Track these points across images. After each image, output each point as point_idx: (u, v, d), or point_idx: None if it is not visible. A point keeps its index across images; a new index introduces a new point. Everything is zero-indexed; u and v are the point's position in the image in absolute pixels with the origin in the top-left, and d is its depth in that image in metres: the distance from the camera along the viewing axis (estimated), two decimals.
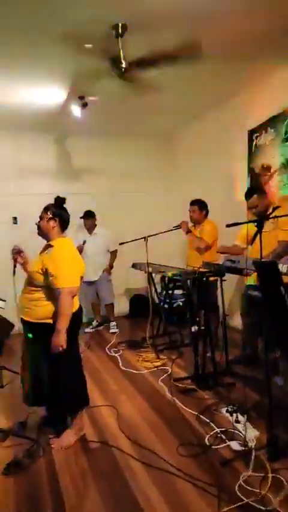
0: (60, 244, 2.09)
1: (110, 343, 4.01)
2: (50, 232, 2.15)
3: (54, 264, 1.98)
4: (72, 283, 2.01)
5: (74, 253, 2.17)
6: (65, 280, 1.98)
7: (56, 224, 2.15)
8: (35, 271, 2.03)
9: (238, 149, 3.88)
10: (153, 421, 2.39)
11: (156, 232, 3.65)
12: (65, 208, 2.23)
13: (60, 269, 1.98)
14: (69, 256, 2.08)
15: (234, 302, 4.13)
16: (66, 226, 2.23)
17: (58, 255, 2.03)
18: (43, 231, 2.17)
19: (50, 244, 2.10)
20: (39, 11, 2.16)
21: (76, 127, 4.32)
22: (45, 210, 2.17)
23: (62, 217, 2.18)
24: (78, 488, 1.83)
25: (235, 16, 2.33)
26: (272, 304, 1.93)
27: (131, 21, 2.31)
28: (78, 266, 2.13)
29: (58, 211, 2.17)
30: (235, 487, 1.72)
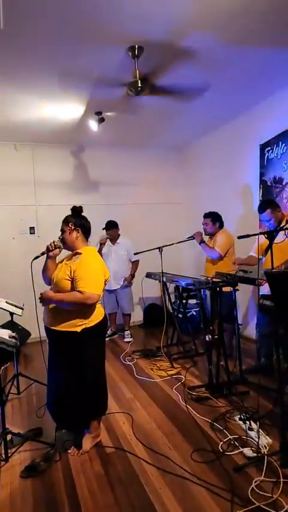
0: (88, 251, 2.15)
1: (124, 351, 4.09)
2: (75, 243, 2.18)
3: (83, 269, 2.03)
4: (95, 290, 2.02)
5: (101, 261, 2.21)
6: (88, 285, 2.00)
7: (79, 234, 2.19)
8: (62, 278, 2.07)
9: (250, 162, 3.96)
10: (167, 428, 2.44)
11: (170, 242, 3.73)
12: (84, 216, 2.26)
13: (88, 274, 2.02)
14: (97, 265, 2.12)
15: (249, 312, 4.16)
16: (89, 234, 2.27)
17: (87, 261, 2.08)
18: (68, 243, 2.19)
19: (77, 252, 2.15)
20: (54, 41, 2.33)
21: (93, 139, 4.51)
22: (66, 222, 2.20)
23: (84, 226, 2.22)
24: (94, 492, 1.89)
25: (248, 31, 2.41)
26: (284, 313, 1.98)
27: (147, 43, 2.45)
28: (104, 275, 2.16)
29: (79, 221, 2.20)
30: (248, 492, 1.76)
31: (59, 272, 2.15)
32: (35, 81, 2.92)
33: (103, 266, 2.19)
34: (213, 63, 2.80)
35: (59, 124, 3.97)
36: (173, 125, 4.32)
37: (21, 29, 2.22)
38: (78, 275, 2.02)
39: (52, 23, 2.16)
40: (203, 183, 5.07)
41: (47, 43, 2.38)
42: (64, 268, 2.12)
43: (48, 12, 2.06)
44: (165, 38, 2.40)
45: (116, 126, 4.09)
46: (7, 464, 2.14)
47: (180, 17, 2.19)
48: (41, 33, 2.26)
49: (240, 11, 2.17)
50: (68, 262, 2.16)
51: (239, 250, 3.52)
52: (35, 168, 4.74)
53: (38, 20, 2.13)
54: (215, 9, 2.14)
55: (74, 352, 2.09)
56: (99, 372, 2.26)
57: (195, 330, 4.05)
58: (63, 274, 2.09)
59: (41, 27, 2.20)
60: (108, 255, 4.31)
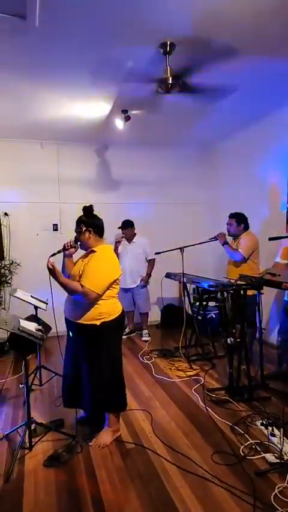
0: (102, 250, 2.20)
1: (142, 350, 4.10)
2: (88, 243, 2.24)
3: (91, 266, 2.10)
4: (94, 288, 2.05)
5: (113, 260, 2.23)
6: (89, 282, 2.05)
7: (91, 234, 2.23)
8: (76, 274, 2.16)
9: (278, 163, 3.90)
10: (187, 428, 2.44)
11: (190, 243, 3.72)
12: (95, 215, 2.30)
13: (93, 271, 2.08)
14: (107, 264, 2.16)
15: (272, 317, 4.10)
16: (103, 232, 2.31)
17: (98, 259, 2.14)
18: (82, 243, 2.27)
19: (93, 250, 2.21)
20: (88, 37, 2.35)
21: (117, 138, 4.54)
22: (78, 223, 2.26)
23: (96, 226, 2.25)
24: (115, 485, 1.92)
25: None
26: None
27: (179, 40, 2.44)
28: (114, 274, 2.17)
29: (90, 221, 2.25)
30: (270, 497, 1.75)
31: (75, 268, 2.25)
32: (65, 79, 2.96)
33: (114, 265, 2.21)
34: (244, 63, 2.77)
35: (85, 122, 4.01)
36: (198, 124, 4.29)
37: (55, 27, 2.24)
38: (85, 270, 2.10)
39: (86, 18, 2.18)
40: (226, 183, 5.03)
41: (80, 38, 2.39)
42: (79, 265, 2.21)
43: (84, 7, 2.07)
44: (198, 34, 2.38)
45: (141, 125, 4.10)
46: (31, 452, 2.20)
47: (214, 13, 2.17)
48: (75, 27, 2.27)
49: (277, 11, 2.14)
50: (84, 260, 2.24)
51: (263, 255, 3.48)
52: (59, 166, 4.82)
53: (72, 15, 2.14)
54: (253, 7, 2.12)
55: (95, 344, 2.16)
56: (118, 364, 2.31)
57: (214, 333, 4.02)
58: (76, 270, 2.19)
59: (76, 21, 2.21)
60: (123, 254, 4.34)
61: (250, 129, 4.40)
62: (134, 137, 4.66)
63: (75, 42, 2.46)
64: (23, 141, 4.63)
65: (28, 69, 2.78)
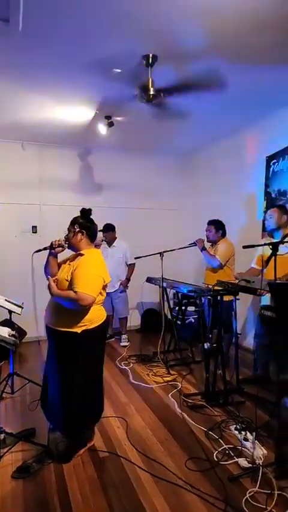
0: (90, 254, 2.15)
1: (120, 356, 4.07)
2: (78, 245, 2.19)
3: (81, 270, 2.03)
4: (88, 291, 1.98)
5: (102, 264, 2.19)
6: (83, 286, 1.97)
7: (84, 236, 2.19)
8: (64, 279, 2.08)
9: (256, 173, 3.99)
10: (162, 435, 2.43)
11: (170, 248, 3.74)
12: (91, 219, 2.28)
13: (84, 275, 2.01)
14: (97, 268, 2.11)
15: (247, 322, 4.16)
16: (95, 237, 2.28)
17: (87, 263, 2.08)
18: (72, 244, 2.21)
19: (81, 253, 2.16)
20: (74, 40, 2.35)
21: (100, 142, 4.53)
22: (72, 223, 2.21)
23: (90, 229, 2.22)
24: (87, 496, 1.87)
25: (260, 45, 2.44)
26: (285, 324, 1.99)
27: (161, 52, 2.49)
28: (105, 279, 2.13)
29: (85, 223, 2.21)
30: (242, 502, 1.75)
31: (62, 272, 2.16)
32: (49, 82, 2.95)
33: (104, 270, 2.17)
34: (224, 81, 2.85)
35: (68, 126, 4.00)
36: (180, 133, 4.36)
37: (38, 31, 2.25)
38: (75, 275, 2.03)
39: (69, 26, 2.20)
40: (206, 192, 5.10)
41: (63, 44, 2.40)
42: (67, 269, 2.13)
43: (66, 15, 2.09)
44: (180, 49, 2.44)
45: (124, 131, 4.13)
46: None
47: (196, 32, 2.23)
48: (58, 33, 2.28)
49: (252, 28, 2.21)
50: (71, 263, 2.16)
51: (240, 261, 3.54)
52: (40, 168, 4.76)
53: (55, 22, 2.15)
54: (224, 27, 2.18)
55: (72, 353, 2.07)
56: (98, 375, 2.24)
57: (192, 338, 4.04)
58: (64, 274, 2.11)
59: (58, 28, 2.22)
60: (103, 258, 4.29)
61: (228, 139, 4.50)
62: (117, 143, 4.67)
63: (59, 47, 2.46)
64: (3, 142, 4.55)
65: (10, 69, 2.74)
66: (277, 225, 2.94)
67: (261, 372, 3.14)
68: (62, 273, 2.14)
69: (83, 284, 1.98)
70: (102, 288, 2.14)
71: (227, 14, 2.10)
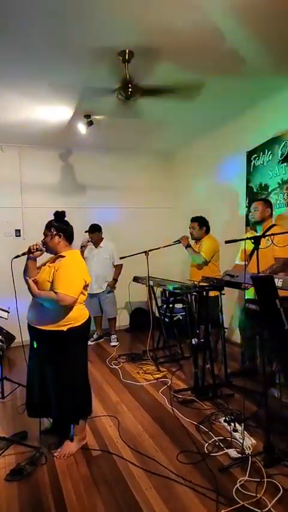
0: (70, 255, 2.18)
1: (110, 355, 4.08)
2: (57, 248, 2.22)
3: (62, 272, 2.06)
4: (69, 292, 2.02)
5: (83, 265, 2.23)
6: (63, 287, 2.01)
7: (61, 239, 2.22)
8: (45, 280, 2.11)
9: (237, 168, 4.06)
10: (153, 431, 2.46)
11: (157, 246, 3.77)
12: (66, 221, 2.29)
13: (65, 276, 2.05)
14: (77, 268, 2.15)
15: (235, 316, 4.23)
16: (72, 239, 2.30)
17: (68, 264, 2.11)
18: (50, 247, 2.23)
19: (61, 255, 2.17)
20: (50, 34, 2.31)
21: (81, 142, 4.51)
22: (48, 227, 2.23)
23: (66, 231, 2.24)
24: (81, 495, 1.89)
25: (235, 39, 2.47)
26: (269, 317, 2.05)
27: (138, 48, 2.49)
28: (84, 279, 2.16)
29: (61, 226, 2.23)
30: (232, 492, 1.80)
31: (42, 274, 2.19)
32: (25, 81, 2.90)
33: (84, 270, 2.20)
34: (201, 70, 2.88)
35: (48, 126, 3.96)
36: (161, 130, 4.38)
37: (12, 27, 2.21)
38: (56, 276, 2.06)
39: (43, 24, 2.18)
40: (189, 189, 5.15)
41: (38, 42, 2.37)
42: (47, 271, 2.16)
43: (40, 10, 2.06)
44: (155, 45, 2.46)
45: (104, 130, 4.13)
46: None
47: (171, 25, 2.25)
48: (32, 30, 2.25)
49: (232, 20, 2.24)
50: (51, 264, 2.19)
51: (224, 256, 3.60)
52: (21, 170, 4.71)
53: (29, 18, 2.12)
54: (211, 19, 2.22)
55: (60, 351, 2.12)
56: (84, 371, 2.29)
57: (181, 334, 4.09)
58: (45, 276, 2.13)
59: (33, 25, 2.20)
60: (90, 259, 4.31)
61: (209, 136, 4.55)
62: (98, 142, 4.67)
63: (33, 49, 2.44)
64: None
65: None
66: (261, 218, 3.01)
67: (248, 365, 3.21)
68: (43, 275, 2.17)
69: (64, 285, 2.03)
70: (84, 288, 2.19)
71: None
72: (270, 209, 3.06)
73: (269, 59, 2.73)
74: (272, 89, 3.31)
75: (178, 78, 2.97)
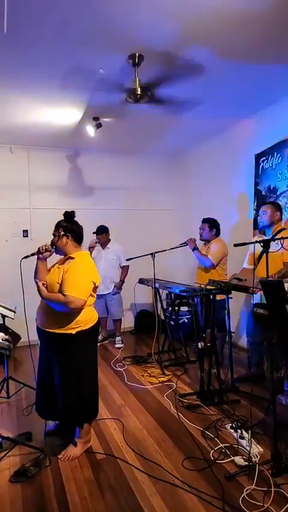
0: (80, 256, 2.15)
1: (115, 357, 4.06)
2: (65, 249, 2.20)
3: (71, 273, 2.04)
4: (78, 295, 2.00)
5: (92, 266, 2.19)
6: (72, 289, 1.99)
7: (69, 240, 2.19)
8: (54, 282, 2.08)
9: (246, 171, 4.03)
10: (158, 435, 2.43)
11: (163, 249, 3.74)
12: (75, 221, 2.26)
13: (74, 278, 2.02)
14: (86, 270, 2.12)
15: (241, 321, 4.19)
16: (81, 239, 2.27)
17: (77, 266, 2.08)
18: (58, 248, 2.21)
19: (71, 256, 2.15)
20: (60, 40, 2.34)
21: (88, 144, 4.52)
22: (56, 228, 2.22)
23: (75, 232, 2.22)
24: (85, 498, 1.87)
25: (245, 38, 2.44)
26: (278, 322, 2.01)
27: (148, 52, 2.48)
28: (93, 281, 2.13)
29: (69, 226, 2.21)
30: (239, 500, 1.76)
31: (52, 275, 2.17)
32: (36, 84, 2.93)
33: (93, 272, 2.16)
34: (212, 75, 2.86)
35: (56, 128, 3.97)
36: (168, 133, 4.37)
37: (23, 33, 2.23)
38: (65, 278, 2.04)
39: (54, 26, 2.18)
40: (197, 191, 5.12)
41: (48, 46, 2.39)
42: (57, 272, 2.14)
43: (50, 16, 2.07)
44: (165, 48, 2.45)
45: (112, 132, 4.13)
46: None
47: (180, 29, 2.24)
48: (42, 35, 2.27)
49: (240, 25, 2.23)
50: (60, 266, 2.17)
51: (231, 259, 3.56)
52: (30, 171, 4.72)
53: (39, 23, 2.14)
54: (214, 23, 2.20)
55: (69, 353, 2.10)
56: (93, 374, 2.26)
57: (186, 337, 4.05)
58: (55, 277, 2.11)
59: (43, 30, 2.21)
60: (97, 260, 4.29)
61: (218, 138, 4.53)
62: (106, 144, 4.67)
63: (45, 49, 2.44)
64: None
65: None
66: (270, 221, 2.97)
67: (255, 370, 3.16)
68: (53, 276, 2.15)
69: (73, 287, 2.00)
70: (93, 290, 2.15)
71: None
72: (280, 212, 3.02)
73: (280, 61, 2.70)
74: (281, 92, 3.28)
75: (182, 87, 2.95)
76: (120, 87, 2.91)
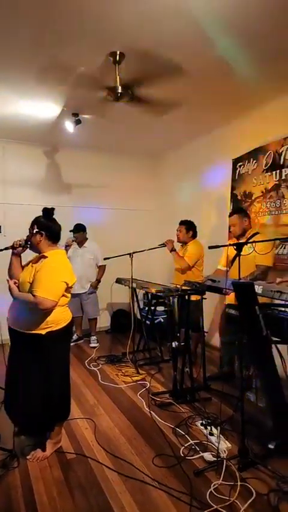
0: (54, 256, 2.10)
1: (89, 357, 4.04)
2: (38, 246, 2.13)
3: (42, 273, 1.99)
4: (48, 295, 1.95)
5: (66, 266, 2.14)
6: (42, 290, 1.94)
7: (43, 238, 2.12)
8: (26, 281, 2.04)
9: (223, 175, 4.12)
10: (130, 434, 2.44)
11: (141, 249, 3.77)
12: (54, 219, 2.20)
13: (45, 279, 1.97)
14: (60, 270, 2.07)
15: (215, 321, 4.28)
16: (58, 238, 2.21)
17: (49, 265, 2.04)
18: (33, 245, 2.16)
19: (44, 255, 2.10)
20: (40, 33, 2.31)
21: (67, 140, 4.47)
22: (32, 224, 2.16)
23: (50, 230, 2.15)
24: (53, 498, 1.85)
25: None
26: (248, 322, 2.08)
27: (128, 50, 2.49)
28: (66, 282, 2.07)
29: (45, 224, 2.14)
30: (206, 495, 1.81)
31: (24, 273, 2.13)
32: (11, 73, 2.84)
33: (67, 272, 2.12)
34: (191, 79, 2.91)
35: (34, 122, 3.90)
36: (149, 133, 4.39)
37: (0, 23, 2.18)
38: (36, 278, 1.99)
39: (34, 19, 2.15)
40: (176, 193, 5.18)
41: (27, 38, 2.35)
42: (29, 271, 2.09)
43: (31, 9, 2.05)
44: (146, 47, 2.46)
45: (92, 129, 4.11)
46: None
47: (158, 30, 2.26)
48: (21, 26, 2.23)
49: (223, 33, 2.28)
50: (34, 265, 2.12)
51: (208, 262, 3.63)
52: (4, 166, 4.62)
53: (19, 15, 2.11)
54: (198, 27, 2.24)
55: (38, 354, 2.06)
56: (63, 376, 2.23)
57: (162, 337, 4.09)
58: (27, 276, 2.07)
59: (23, 21, 2.17)
60: (74, 258, 4.25)
61: (198, 141, 4.61)
62: (85, 141, 4.63)
63: (23, 41, 2.39)
64: None
65: None
66: (241, 231, 3.05)
67: (226, 369, 3.24)
68: (25, 275, 2.11)
69: (43, 288, 1.96)
70: (67, 290, 2.11)
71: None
72: (248, 218, 3.10)
73: (256, 70, 2.79)
74: (259, 100, 3.38)
75: (162, 89, 2.99)
76: (100, 84, 2.90)
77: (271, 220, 3.44)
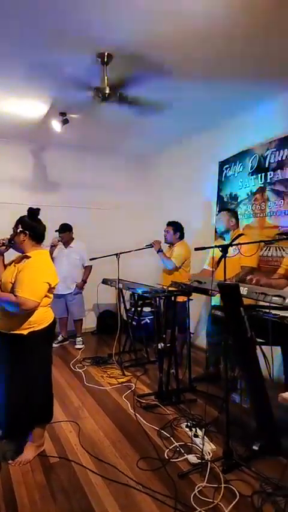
0: (36, 256, 2.08)
1: (74, 358, 3.99)
2: (22, 246, 2.11)
3: (25, 274, 1.97)
4: (30, 296, 1.93)
5: (49, 267, 2.13)
6: (24, 290, 1.92)
7: (27, 237, 2.09)
8: (7, 281, 2.01)
9: (210, 177, 4.14)
10: (115, 437, 2.42)
11: (128, 250, 3.75)
12: (39, 220, 2.19)
13: (27, 279, 1.95)
14: (42, 270, 2.05)
15: (201, 322, 4.29)
16: (42, 238, 2.19)
17: (32, 266, 2.01)
18: (16, 245, 2.13)
19: (26, 255, 2.08)
20: (28, 33, 2.28)
21: (54, 139, 4.42)
22: (16, 223, 2.14)
23: (34, 230, 2.12)
24: (35, 502, 1.82)
25: (214, 45, 2.48)
26: (233, 323, 2.08)
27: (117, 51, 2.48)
28: (48, 282, 2.05)
29: (29, 223, 2.12)
30: (190, 498, 1.80)
31: (6, 273, 2.10)
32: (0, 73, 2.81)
33: (49, 272, 2.10)
34: (178, 82, 2.92)
35: (20, 120, 3.83)
36: (137, 134, 4.39)
37: None
38: (18, 278, 1.97)
39: (22, 19, 2.12)
40: (164, 194, 5.19)
41: (14, 39, 2.32)
42: (11, 270, 2.06)
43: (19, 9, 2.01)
44: (134, 48, 2.45)
45: (80, 129, 4.07)
46: None
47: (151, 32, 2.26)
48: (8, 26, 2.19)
49: (211, 35, 2.29)
50: (16, 265, 2.09)
51: (194, 262, 3.64)
52: None
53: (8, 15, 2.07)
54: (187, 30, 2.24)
55: (19, 355, 2.03)
56: (45, 377, 2.20)
57: (148, 338, 4.08)
58: (9, 276, 2.04)
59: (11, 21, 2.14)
60: (59, 259, 4.20)
61: (185, 143, 4.62)
62: (72, 141, 4.58)
63: (8, 42, 2.35)
64: None
65: None
66: (226, 228, 3.09)
67: (212, 370, 3.26)
68: (7, 274, 2.07)
69: (25, 288, 1.93)
70: (49, 291, 2.09)
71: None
72: (235, 219, 3.14)
73: (245, 74, 2.82)
74: (246, 104, 3.42)
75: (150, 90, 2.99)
76: (88, 84, 2.87)
77: (256, 223, 3.48)
